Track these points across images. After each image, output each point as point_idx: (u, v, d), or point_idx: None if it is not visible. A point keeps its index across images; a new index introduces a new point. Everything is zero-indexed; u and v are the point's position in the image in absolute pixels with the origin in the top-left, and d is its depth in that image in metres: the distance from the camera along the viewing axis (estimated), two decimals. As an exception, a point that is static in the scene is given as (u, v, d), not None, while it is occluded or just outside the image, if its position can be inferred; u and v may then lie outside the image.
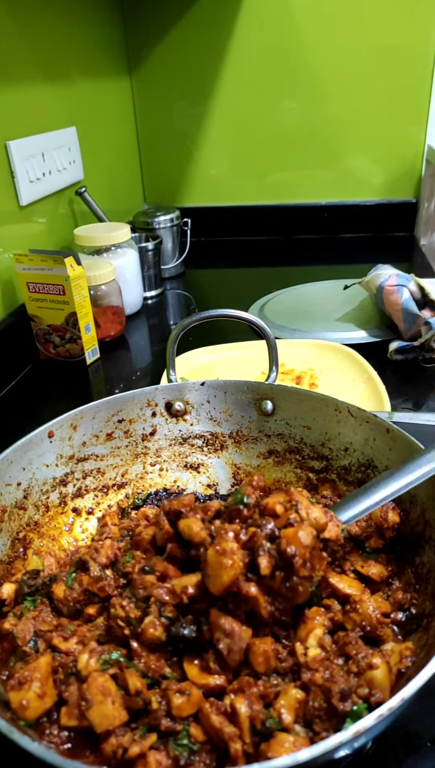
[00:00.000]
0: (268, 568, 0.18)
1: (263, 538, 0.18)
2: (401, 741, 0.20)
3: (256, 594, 0.18)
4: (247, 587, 0.18)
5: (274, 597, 0.18)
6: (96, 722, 0.18)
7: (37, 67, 0.52)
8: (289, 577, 0.18)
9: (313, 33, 0.67)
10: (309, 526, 0.19)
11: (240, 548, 0.19)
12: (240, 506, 0.20)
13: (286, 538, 0.18)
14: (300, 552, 0.18)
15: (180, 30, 0.69)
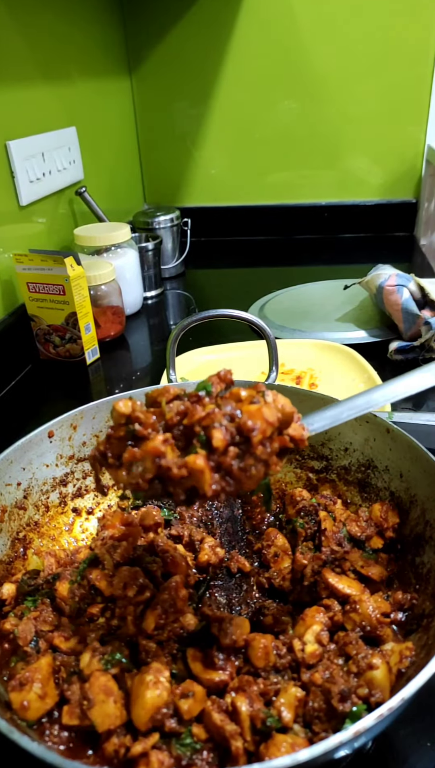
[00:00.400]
0: (222, 441, 0.16)
1: (221, 415, 0.17)
2: (401, 741, 0.20)
3: (203, 466, 0.16)
4: (194, 458, 0.16)
5: (222, 476, 0.17)
6: (97, 722, 0.18)
7: (38, 67, 0.52)
8: (244, 454, 0.16)
9: (313, 33, 0.67)
10: (275, 408, 0.17)
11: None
12: (201, 393, 0.18)
13: (247, 413, 0.17)
14: (261, 426, 0.16)
15: (180, 30, 0.69)
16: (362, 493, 0.27)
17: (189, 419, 0.17)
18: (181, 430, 0.17)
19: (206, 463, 0.17)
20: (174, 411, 0.17)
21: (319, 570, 0.23)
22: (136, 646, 0.21)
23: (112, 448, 0.18)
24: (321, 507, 0.26)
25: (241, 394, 0.18)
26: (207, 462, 0.17)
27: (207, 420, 0.17)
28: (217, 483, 0.17)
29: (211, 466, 0.17)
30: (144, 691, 0.18)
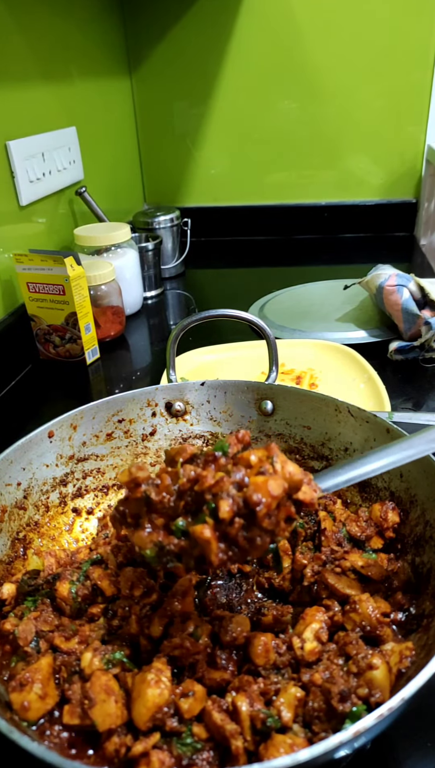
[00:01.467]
0: (229, 512, 0.17)
1: (230, 483, 0.17)
2: (401, 741, 0.20)
3: (210, 537, 0.17)
4: (201, 528, 0.17)
5: (228, 546, 0.17)
6: (98, 721, 0.18)
7: (38, 67, 0.52)
8: (250, 526, 0.17)
9: (314, 33, 0.67)
10: (281, 479, 0.17)
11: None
12: (217, 453, 0.18)
13: (254, 485, 0.17)
14: (266, 501, 0.17)
15: (180, 30, 0.69)
16: (362, 493, 0.27)
17: (200, 486, 0.18)
18: (193, 497, 0.18)
19: (213, 534, 0.17)
20: (186, 477, 0.18)
21: (319, 570, 0.23)
22: (137, 645, 0.21)
23: (130, 507, 0.19)
24: (321, 507, 0.26)
25: (250, 460, 0.18)
26: (214, 533, 0.17)
27: (216, 488, 0.17)
28: (223, 552, 0.17)
29: (217, 535, 0.17)
30: (145, 691, 0.18)
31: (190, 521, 0.18)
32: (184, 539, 0.18)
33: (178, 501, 0.18)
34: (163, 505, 0.18)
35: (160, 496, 0.18)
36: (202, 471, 0.18)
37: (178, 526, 0.18)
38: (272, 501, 0.17)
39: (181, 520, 0.18)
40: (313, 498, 0.18)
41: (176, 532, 0.18)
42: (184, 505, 0.18)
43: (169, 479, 0.18)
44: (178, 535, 0.18)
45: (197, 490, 0.18)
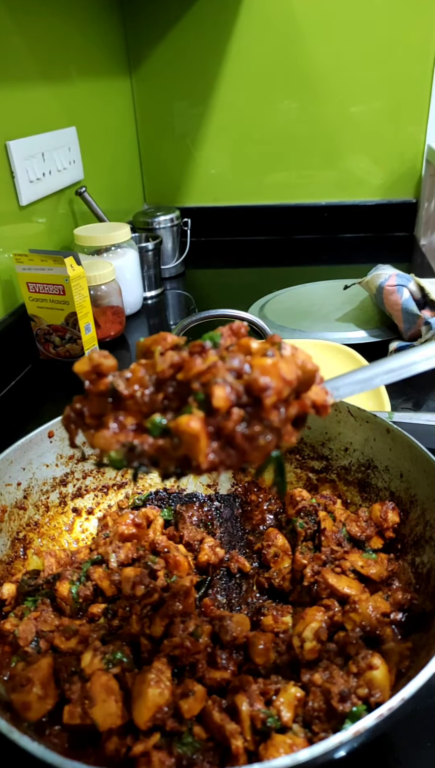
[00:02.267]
0: (226, 400, 0.12)
1: (226, 369, 0.13)
2: (401, 741, 0.20)
3: (199, 430, 0.12)
4: (187, 419, 0.12)
5: (221, 445, 0.13)
6: (99, 721, 0.18)
7: (37, 67, 0.52)
8: (251, 419, 0.13)
9: (314, 33, 0.67)
10: (293, 363, 0.13)
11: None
12: (206, 343, 0.14)
13: (260, 368, 0.13)
14: (276, 385, 0.12)
15: (180, 30, 0.69)
16: (362, 493, 0.27)
17: (185, 373, 0.13)
18: (175, 387, 0.13)
19: (203, 427, 0.12)
20: (167, 362, 0.13)
21: (318, 570, 0.23)
22: (137, 645, 0.21)
23: (90, 406, 0.14)
24: (321, 507, 0.26)
25: (251, 346, 0.14)
26: (204, 426, 0.12)
27: (208, 375, 0.13)
28: (214, 453, 0.13)
29: (209, 431, 0.13)
30: (145, 690, 0.18)
31: (170, 417, 0.13)
32: (162, 438, 0.13)
33: (156, 394, 0.14)
34: (135, 401, 0.13)
35: (132, 389, 0.13)
36: (187, 356, 0.14)
37: (155, 423, 0.13)
38: (284, 386, 0.13)
39: (158, 416, 0.13)
40: (326, 400, 0.14)
41: (153, 429, 0.13)
42: (163, 398, 0.13)
43: (143, 370, 0.14)
44: (154, 433, 0.13)
45: (181, 379, 0.13)
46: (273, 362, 0.13)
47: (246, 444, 0.13)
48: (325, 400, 0.15)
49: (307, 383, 0.14)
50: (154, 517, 0.27)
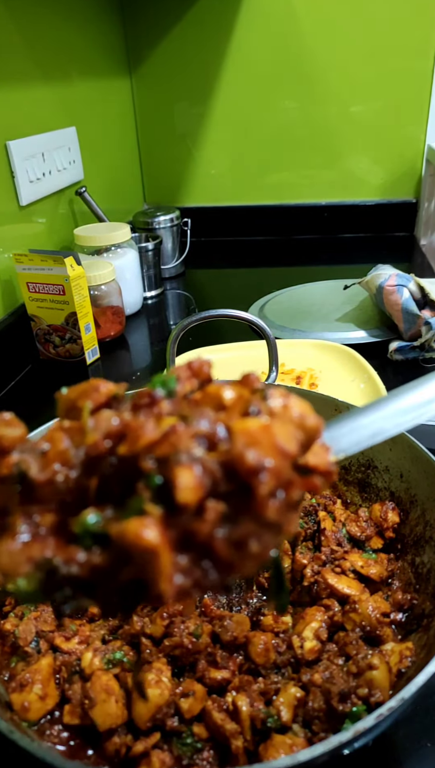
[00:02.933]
0: (196, 489, 0.08)
1: (191, 436, 0.09)
2: (401, 741, 0.20)
3: (156, 542, 0.08)
4: (137, 525, 0.08)
5: (194, 558, 0.08)
6: (99, 721, 0.18)
7: (37, 67, 0.52)
8: (239, 514, 0.08)
9: (314, 33, 0.67)
10: (289, 423, 0.09)
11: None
12: (157, 392, 0.09)
13: (244, 435, 0.08)
14: (273, 463, 0.08)
15: (180, 30, 0.69)
16: (362, 493, 0.27)
17: (129, 445, 0.09)
18: (116, 467, 0.09)
19: (163, 536, 0.08)
20: (100, 431, 0.09)
21: (318, 570, 0.23)
22: (137, 645, 0.21)
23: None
24: (321, 507, 0.26)
25: (223, 396, 0.09)
26: (163, 532, 0.08)
27: (164, 446, 0.09)
28: (183, 573, 0.08)
29: (172, 538, 0.08)
30: (145, 690, 0.18)
31: (110, 514, 0.09)
32: (98, 550, 0.09)
33: (85, 478, 0.09)
34: (53, 488, 0.09)
35: (49, 473, 0.09)
36: (132, 420, 0.09)
37: (86, 525, 0.09)
38: (283, 463, 0.09)
39: (92, 513, 0.09)
40: (328, 465, 0.10)
41: (83, 537, 0.09)
42: (97, 486, 0.09)
43: (67, 440, 0.09)
44: (85, 544, 0.09)
45: (123, 454, 0.09)
46: (262, 426, 0.09)
47: (232, 554, 0.08)
48: (327, 465, 0.10)
49: (307, 446, 0.10)
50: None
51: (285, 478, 0.09)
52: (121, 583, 0.09)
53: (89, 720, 0.19)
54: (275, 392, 0.10)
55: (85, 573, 0.09)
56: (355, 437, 0.12)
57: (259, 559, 0.09)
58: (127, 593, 0.09)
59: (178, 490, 0.09)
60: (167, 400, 0.10)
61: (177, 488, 0.09)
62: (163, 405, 0.10)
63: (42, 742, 0.19)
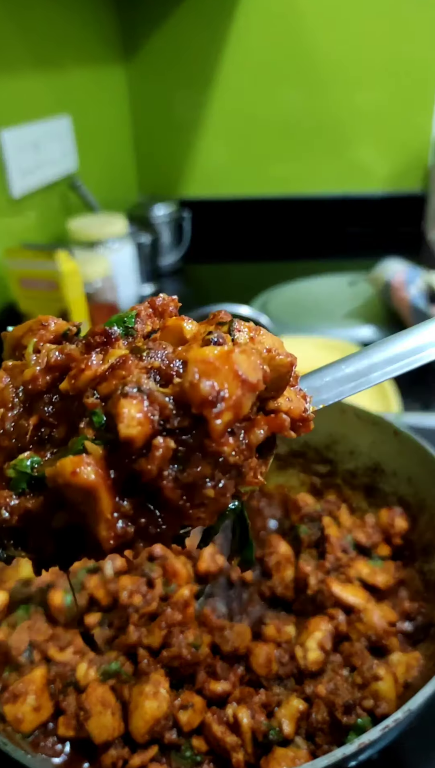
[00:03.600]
0: (141, 422, 0.07)
1: (142, 369, 0.08)
2: (408, 754, 0.20)
3: (95, 481, 0.07)
4: (75, 462, 0.07)
5: (137, 503, 0.07)
6: (95, 733, 0.18)
7: (29, 54, 0.50)
8: (189, 455, 0.07)
9: (318, 17, 0.64)
10: (255, 353, 0.08)
11: None
12: (113, 330, 0.08)
13: (200, 363, 0.07)
14: (231, 393, 0.07)
15: (178, 14, 0.66)
16: (369, 498, 0.26)
17: (71, 381, 0.08)
18: (58, 406, 0.08)
19: (102, 475, 0.07)
20: (41, 364, 0.08)
21: (323, 579, 0.22)
22: (134, 656, 0.20)
23: None
24: (325, 513, 0.25)
25: (184, 329, 0.08)
26: (104, 472, 0.07)
27: (111, 380, 0.07)
28: (125, 518, 0.07)
29: (114, 479, 0.07)
30: (142, 702, 0.18)
31: (49, 457, 0.08)
32: (33, 496, 0.08)
33: (24, 418, 0.08)
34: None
35: None
36: (76, 351, 0.08)
37: (21, 468, 0.08)
38: (244, 395, 0.07)
39: (28, 456, 0.08)
40: (303, 410, 0.09)
41: (17, 480, 0.08)
42: (37, 425, 0.08)
43: (6, 379, 0.08)
44: (19, 486, 0.08)
45: (65, 389, 0.08)
46: (222, 353, 0.07)
47: (181, 498, 0.07)
48: (304, 411, 0.09)
49: (278, 385, 0.08)
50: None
51: (245, 413, 0.08)
52: (55, 530, 0.07)
53: (84, 732, 0.18)
54: (243, 325, 0.09)
55: (17, 519, 0.08)
56: (337, 388, 0.11)
57: (214, 507, 0.08)
58: (63, 542, 0.07)
59: (121, 424, 0.07)
60: (123, 341, 0.09)
61: (120, 421, 0.07)
62: (119, 345, 0.08)
63: (36, 754, 0.18)
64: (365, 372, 0.11)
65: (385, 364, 0.11)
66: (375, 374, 0.11)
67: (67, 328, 0.09)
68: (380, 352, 0.12)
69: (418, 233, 0.73)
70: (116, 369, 0.08)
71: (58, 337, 0.09)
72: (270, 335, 0.09)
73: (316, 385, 0.11)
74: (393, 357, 0.11)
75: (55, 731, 0.19)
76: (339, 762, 0.14)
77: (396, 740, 0.18)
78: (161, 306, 0.10)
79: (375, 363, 0.11)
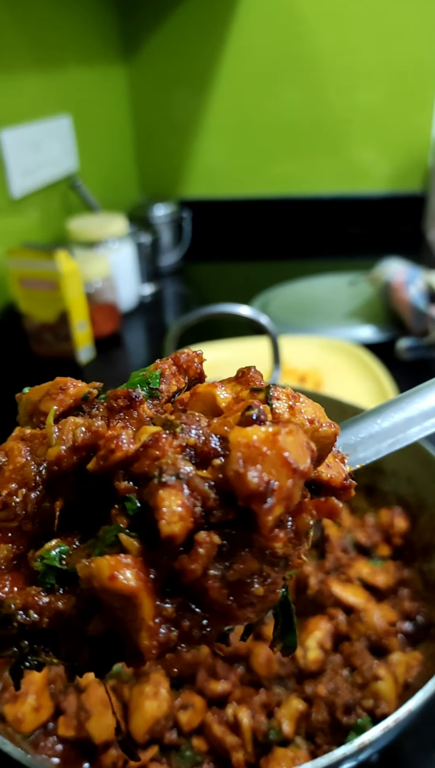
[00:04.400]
0: (183, 520, 0.07)
1: (178, 449, 0.07)
2: (408, 754, 0.20)
3: (136, 585, 0.07)
4: (111, 562, 0.07)
5: (180, 605, 0.07)
6: (95, 733, 0.18)
7: (29, 53, 0.50)
8: (237, 548, 0.07)
9: (318, 18, 0.64)
10: (300, 431, 0.07)
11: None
12: (137, 392, 0.08)
13: (243, 447, 0.07)
14: (281, 483, 0.07)
15: (178, 14, 0.66)
16: (369, 498, 0.26)
17: (101, 461, 0.07)
18: (85, 487, 0.08)
19: (143, 578, 0.07)
20: (67, 444, 0.07)
21: (323, 579, 0.22)
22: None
23: None
24: (325, 513, 0.25)
25: (217, 396, 0.08)
26: (145, 574, 0.07)
27: (144, 462, 0.07)
28: (167, 623, 0.07)
29: (154, 580, 0.07)
30: (143, 703, 0.18)
31: (78, 545, 0.07)
32: (62, 593, 0.07)
33: (49, 501, 0.08)
34: (11, 512, 0.07)
35: (5, 492, 0.07)
36: (104, 428, 0.08)
37: (48, 561, 0.07)
38: (292, 483, 0.07)
39: (55, 546, 0.07)
40: (344, 479, 0.08)
41: (44, 575, 0.07)
42: (63, 510, 0.07)
43: (27, 452, 0.08)
44: (48, 582, 0.07)
45: (94, 470, 0.07)
46: (267, 436, 0.07)
47: (228, 598, 0.07)
48: (345, 478, 0.08)
49: (321, 458, 0.08)
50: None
51: (295, 504, 0.07)
52: (90, 636, 0.07)
53: (85, 732, 0.18)
54: (281, 392, 0.09)
55: (47, 622, 0.07)
56: (375, 445, 0.10)
57: (263, 604, 0.07)
58: (99, 649, 0.07)
59: (161, 520, 0.07)
60: (149, 402, 0.08)
61: (160, 517, 0.07)
62: (144, 408, 0.08)
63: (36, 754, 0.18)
64: (403, 428, 0.10)
65: (422, 419, 0.10)
66: (413, 430, 0.10)
67: (87, 392, 0.09)
68: (415, 404, 0.11)
69: (418, 233, 0.73)
70: (149, 448, 0.07)
71: (78, 401, 0.09)
72: (310, 402, 0.09)
73: (351, 442, 0.10)
74: (430, 410, 0.10)
75: (55, 731, 0.19)
76: (339, 762, 0.14)
77: (396, 740, 0.18)
78: (186, 362, 0.09)
79: (412, 417, 0.10)
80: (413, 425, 0.11)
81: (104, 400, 0.09)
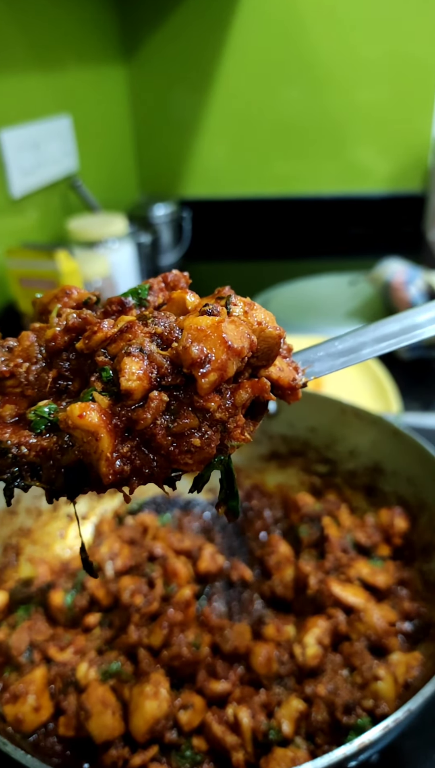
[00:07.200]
0: (141, 378, 0.08)
1: (146, 334, 0.09)
2: (408, 753, 0.20)
3: (98, 424, 0.08)
4: (82, 408, 0.08)
5: (134, 447, 0.09)
6: (95, 733, 0.18)
7: (30, 53, 0.50)
8: (180, 409, 0.08)
9: (318, 18, 0.64)
10: (244, 325, 0.09)
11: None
12: (128, 299, 0.10)
13: (193, 330, 0.09)
14: (217, 357, 0.08)
15: (178, 14, 0.66)
16: (369, 498, 0.26)
17: (86, 341, 0.09)
18: (74, 362, 0.09)
19: (104, 421, 0.08)
20: (62, 325, 0.09)
21: (323, 579, 0.22)
22: (134, 656, 0.20)
23: None
24: (325, 513, 0.25)
25: (187, 301, 0.10)
26: (107, 418, 0.08)
27: (118, 343, 0.09)
28: (123, 458, 0.08)
29: (115, 426, 0.08)
30: (143, 703, 0.18)
31: (63, 405, 0.09)
32: (49, 435, 0.09)
33: (46, 371, 0.10)
34: (17, 381, 0.09)
35: (13, 364, 0.10)
36: (92, 317, 0.10)
37: (40, 413, 0.09)
38: (229, 359, 0.08)
39: (47, 404, 0.09)
40: (295, 380, 0.10)
41: (36, 423, 0.09)
42: (56, 378, 0.10)
43: (33, 337, 0.10)
44: (38, 427, 0.09)
45: (80, 348, 0.09)
46: (213, 322, 0.09)
47: (172, 445, 0.08)
48: (292, 380, 0.10)
49: (268, 355, 0.09)
50: (151, 523, 0.26)
51: (230, 374, 0.09)
52: (64, 465, 0.09)
53: (85, 732, 0.18)
54: (239, 300, 0.10)
55: (34, 454, 0.09)
56: (329, 362, 0.12)
57: (200, 455, 0.09)
58: (70, 475, 0.09)
59: (122, 377, 0.09)
60: (137, 309, 0.11)
61: (122, 375, 0.09)
62: (132, 313, 0.10)
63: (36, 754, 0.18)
64: (356, 348, 0.12)
65: (374, 342, 0.12)
66: (365, 351, 0.12)
67: (87, 297, 0.11)
68: (372, 332, 0.13)
69: (418, 233, 0.73)
70: (124, 332, 0.10)
71: (80, 304, 0.11)
72: (263, 310, 0.10)
73: (310, 359, 0.12)
74: (383, 336, 0.13)
75: (56, 731, 0.19)
76: (339, 762, 0.14)
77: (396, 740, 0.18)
78: (172, 281, 0.12)
79: (365, 341, 0.13)
80: (366, 347, 0.12)
81: (101, 306, 0.11)
